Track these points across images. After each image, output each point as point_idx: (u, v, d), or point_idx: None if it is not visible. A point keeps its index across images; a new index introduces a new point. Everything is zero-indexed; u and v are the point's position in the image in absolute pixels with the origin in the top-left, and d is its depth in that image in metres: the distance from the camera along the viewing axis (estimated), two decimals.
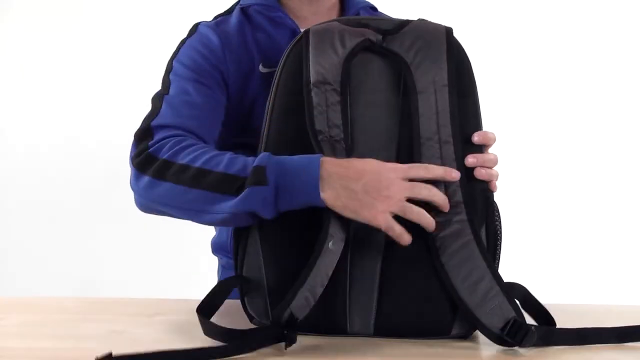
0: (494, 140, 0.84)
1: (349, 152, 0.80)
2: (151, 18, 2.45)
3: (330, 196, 0.76)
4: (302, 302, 0.75)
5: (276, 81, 0.86)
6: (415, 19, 0.88)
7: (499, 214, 0.82)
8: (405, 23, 0.85)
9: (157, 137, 0.87)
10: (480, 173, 0.80)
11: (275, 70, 0.87)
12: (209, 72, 0.97)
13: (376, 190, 0.75)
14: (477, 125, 0.83)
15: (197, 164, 0.81)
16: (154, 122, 0.90)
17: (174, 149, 0.84)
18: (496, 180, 0.83)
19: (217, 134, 0.96)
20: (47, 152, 2.50)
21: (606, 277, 2.29)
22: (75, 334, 0.81)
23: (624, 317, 0.89)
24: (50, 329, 0.83)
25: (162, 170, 0.82)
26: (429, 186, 0.77)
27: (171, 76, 0.98)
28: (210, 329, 0.77)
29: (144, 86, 2.47)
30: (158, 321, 0.86)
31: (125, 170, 0.87)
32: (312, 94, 0.81)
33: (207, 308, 0.82)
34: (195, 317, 0.87)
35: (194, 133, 0.90)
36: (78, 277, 2.42)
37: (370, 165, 0.77)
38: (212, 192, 0.79)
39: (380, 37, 0.83)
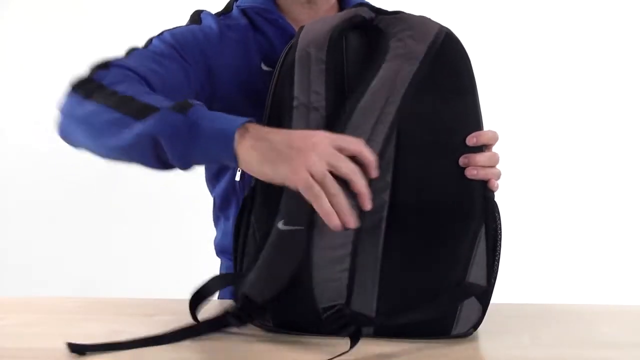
0: (495, 139, 0.82)
1: (330, 123, 0.77)
2: (151, 17, 2.45)
3: (246, 146, 0.71)
4: (251, 281, 0.77)
5: (275, 78, 0.85)
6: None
7: (499, 214, 0.82)
8: (402, 13, 0.85)
9: (110, 69, 0.84)
10: (471, 173, 0.79)
11: (273, 70, 0.87)
12: (195, 54, 0.94)
13: (299, 146, 0.70)
14: (477, 125, 0.82)
15: (129, 93, 0.78)
16: (115, 61, 0.87)
17: (118, 78, 0.81)
18: (497, 179, 0.82)
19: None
20: (47, 152, 2.49)
21: (605, 277, 2.30)
22: (75, 334, 0.81)
23: (623, 317, 0.89)
24: (50, 329, 0.83)
25: (94, 91, 0.80)
26: (353, 165, 0.70)
27: (154, 39, 0.96)
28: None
29: None
30: (158, 321, 0.86)
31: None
32: (295, 66, 0.81)
33: (194, 299, 0.84)
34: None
35: (149, 82, 0.86)
36: (78, 277, 2.42)
37: (295, 131, 0.75)
38: (130, 117, 0.75)
39: (373, 14, 0.83)
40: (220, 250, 1.15)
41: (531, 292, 2.09)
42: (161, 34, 0.98)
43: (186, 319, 0.86)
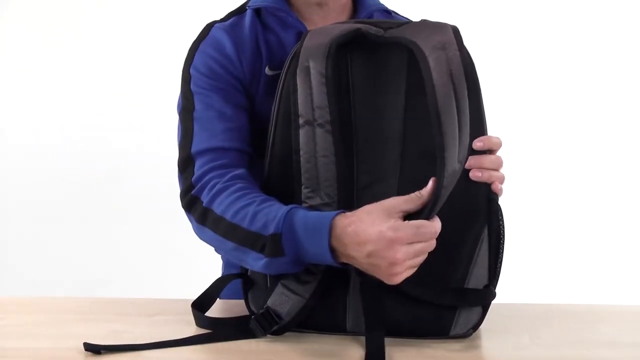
0: (500, 144, 0.83)
1: (336, 137, 0.79)
2: (151, 17, 2.45)
3: (346, 262, 0.77)
4: (280, 297, 0.80)
5: (280, 84, 0.86)
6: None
7: (502, 216, 0.82)
8: (409, 22, 0.86)
9: (197, 169, 0.89)
10: (475, 175, 0.79)
11: (279, 73, 0.88)
12: (227, 79, 0.95)
13: (378, 263, 0.74)
14: (482, 128, 0.82)
15: (228, 217, 0.83)
16: (193, 149, 0.91)
17: (211, 194, 0.86)
18: (500, 183, 0.82)
19: (249, 137, 0.95)
20: (47, 152, 2.50)
21: (605, 277, 2.30)
22: (75, 334, 0.81)
23: (623, 317, 0.89)
24: (50, 329, 0.83)
25: (204, 217, 0.86)
26: (423, 247, 0.74)
27: (192, 87, 0.96)
28: (201, 320, 0.85)
29: (145, 86, 2.49)
30: (158, 321, 0.86)
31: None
32: (297, 80, 0.82)
33: (200, 302, 0.88)
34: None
35: (232, 149, 0.91)
36: (78, 277, 2.42)
37: (372, 235, 0.74)
38: (243, 246, 0.81)
39: (381, 30, 0.83)
40: None
41: (531, 292, 2.09)
42: (189, 76, 0.97)
43: (186, 319, 0.86)
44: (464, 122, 0.77)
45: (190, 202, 0.87)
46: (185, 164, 0.90)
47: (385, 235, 0.72)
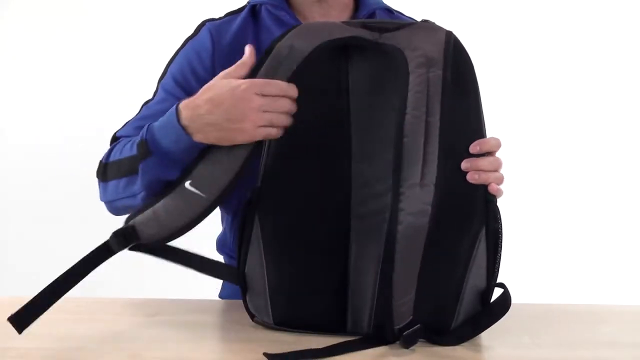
0: (498, 146, 0.82)
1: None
2: (151, 17, 2.45)
3: (202, 138, 0.81)
4: (146, 216, 0.84)
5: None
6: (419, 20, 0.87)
7: (500, 216, 0.82)
8: (406, 25, 0.83)
9: (115, 145, 0.99)
10: (472, 177, 0.79)
11: None
12: (193, 87, 0.96)
13: (236, 116, 0.78)
14: (480, 129, 0.82)
15: (117, 157, 0.93)
16: (118, 133, 1.03)
17: (111, 151, 0.96)
18: (498, 183, 0.82)
19: None
20: (47, 152, 2.50)
21: (605, 277, 2.30)
22: (75, 334, 0.81)
23: (623, 317, 0.89)
24: (50, 329, 0.83)
25: (104, 172, 0.95)
26: (285, 102, 0.78)
27: (160, 84, 1.06)
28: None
29: (145, 86, 2.47)
30: (158, 321, 0.86)
31: None
32: (266, 61, 0.81)
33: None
34: (195, 317, 0.87)
35: None
36: None
37: (221, 89, 0.79)
38: (127, 176, 0.90)
39: (376, 34, 0.81)
40: (219, 247, 1.16)
41: (531, 292, 2.09)
42: (164, 74, 1.06)
43: (186, 319, 0.86)
44: (431, 142, 0.76)
45: (98, 168, 0.97)
46: (111, 141, 1.03)
47: (237, 85, 0.78)
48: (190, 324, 0.85)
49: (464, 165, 0.79)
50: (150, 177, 0.86)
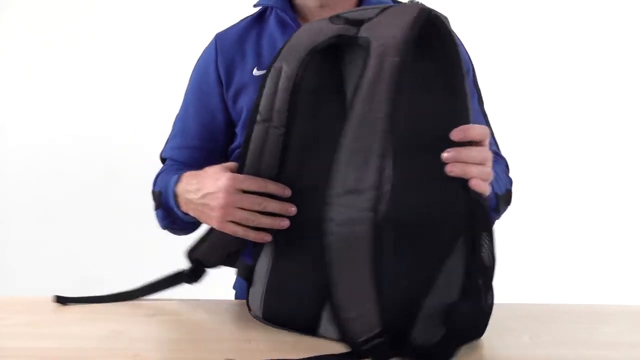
0: (485, 135, 0.73)
1: (285, 141, 0.79)
2: (152, 18, 2.45)
3: (185, 209, 0.91)
4: (205, 250, 0.91)
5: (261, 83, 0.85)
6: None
7: (487, 219, 0.73)
8: (384, 9, 0.77)
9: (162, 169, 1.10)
10: (450, 169, 0.70)
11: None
12: (207, 93, 1.07)
13: (209, 202, 0.83)
14: (463, 119, 0.72)
15: (154, 189, 1.04)
16: (162, 154, 1.14)
17: (155, 180, 1.06)
18: (484, 179, 0.72)
19: (213, 148, 1.09)
20: (47, 152, 2.50)
21: (605, 277, 2.30)
22: (75, 334, 0.81)
23: (623, 317, 0.89)
24: (50, 329, 0.83)
25: (153, 198, 1.04)
26: (256, 198, 0.79)
27: (185, 93, 1.13)
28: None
29: (145, 86, 2.48)
30: (158, 321, 0.86)
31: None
32: (268, 77, 0.81)
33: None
34: (196, 317, 0.87)
35: (184, 162, 1.08)
36: (78, 276, 2.41)
37: (209, 176, 0.85)
38: (156, 209, 1.03)
39: (354, 29, 0.75)
40: None
41: (531, 292, 2.09)
42: (189, 81, 1.13)
43: (186, 319, 0.86)
44: (374, 143, 0.68)
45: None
46: (162, 163, 1.14)
47: (222, 176, 0.81)
48: (191, 323, 0.85)
49: (445, 155, 0.70)
50: (165, 223, 1.04)
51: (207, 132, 1.08)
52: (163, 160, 1.13)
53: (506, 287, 0.92)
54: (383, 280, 0.67)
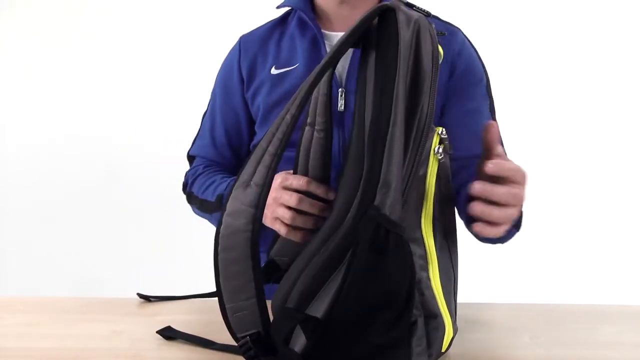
0: (515, 174, 0.67)
1: (328, 144, 0.81)
2: (151, 18, 2.45)
3: None
4: (278, 249, 0.88)
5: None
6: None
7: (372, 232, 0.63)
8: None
9: (191, 166, 1.16)
10: (471, 208, 0.66)
11: (284, 71, 0.97)
12: (232, 93, 1.11)
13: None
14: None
15: (199, 194, 1.06)
16: (190, 152, 1.18)
17: (190, 181, 1.11)
18: (503, 223, 0.67)
19: (239, 146, 1.14)
20: (47, 152, 2.50)
21: (606, 277, 2.30)
22: (75, 334, 0.81)
23: (623, 317, 0.89)
24: (50, 329, 0.83)
25: (189, 199, 1.10)
26: (295, 196, 0.80)
27: (212, 93, 1.17)
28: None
29: (145, 86, 2.48)
30: (158, 321, 0.86)
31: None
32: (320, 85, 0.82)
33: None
34: (196, 317, 0.87)
35: (213, 160, 1.14)
36: (78, 276, 2.42)
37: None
38: (206, 214, 1.05)
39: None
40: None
41: (531, 292, 2.09)
42: (216, 80, 1.16)
43: (186, 319, 0.86)
44: (272, 142, 0.68)
45: (183, 188, 1.13)
46: (189, 161, 1.18)
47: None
48: (191, 324, 0.85)
49: (475, 188, 0.65)
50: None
51: (234, 130, 1.13)
52: (191, 158, 1.17)
53: (506, 287, 0.92)
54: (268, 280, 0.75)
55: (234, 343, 0.67)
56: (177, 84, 2.36)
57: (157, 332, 0.80)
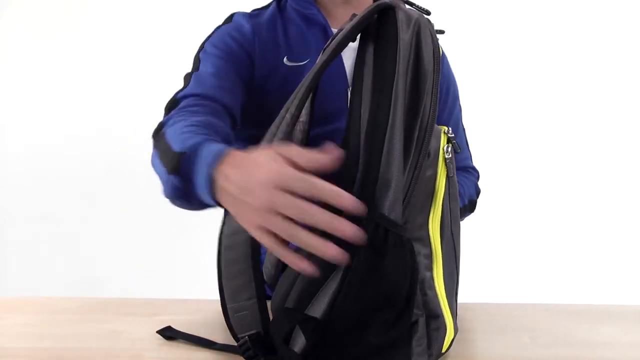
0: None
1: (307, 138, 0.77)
2: (151, 17, 2.45)
3: (224, 203, 0.63)
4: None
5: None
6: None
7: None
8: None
9: (179, 105, 0.89)
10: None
11: (299, 65, 0.93)
12: (239, 54, 0.99)
13: (242, 195, 0.58)
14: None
15: (168, 139, 0.76)
16: (180, 94, 0.93)
17: (170, 119, 0.83)
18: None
19: (239, 108, 0.96)
20: (47, 152, 2.50)
21: (606, 277, 2.30)
22: (75, 334, 0.81)
23: (623, 317, 0.89)
24: (50, 329, 0.83)
25: (156, 140, 0.80)
26: (301, 203, 0.54)
27: (201, 54, 1.01)
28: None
29: (145, 85, 2.48)
30: (158, 321, 0.86)
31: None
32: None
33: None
34: (196, 317, 0.87)
35: (215, 99, 0.91)
36: (78, 277, 2.42)
37: (252, 160, 0.59)
38: (159, 160, 0.75)
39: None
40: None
41: (531, 292, 2.09)
42: (202, 47, 1.02)
43: (186, 319, 0.86)
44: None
45: (154, 130, 0.83)
46: (169, 105, 0.90)
47: (265, 166, 0.56)
48: (191, 324, 0.85)
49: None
50: (176, 195, 0.72)
51: (239, 79, 0.98)
52: (174, 101, 0.93)
53: (506, 287, 0.92)
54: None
55: (234, 343, 0.67)
56: (178, 84, 2.35)
57: (157, 332, 0.80)
